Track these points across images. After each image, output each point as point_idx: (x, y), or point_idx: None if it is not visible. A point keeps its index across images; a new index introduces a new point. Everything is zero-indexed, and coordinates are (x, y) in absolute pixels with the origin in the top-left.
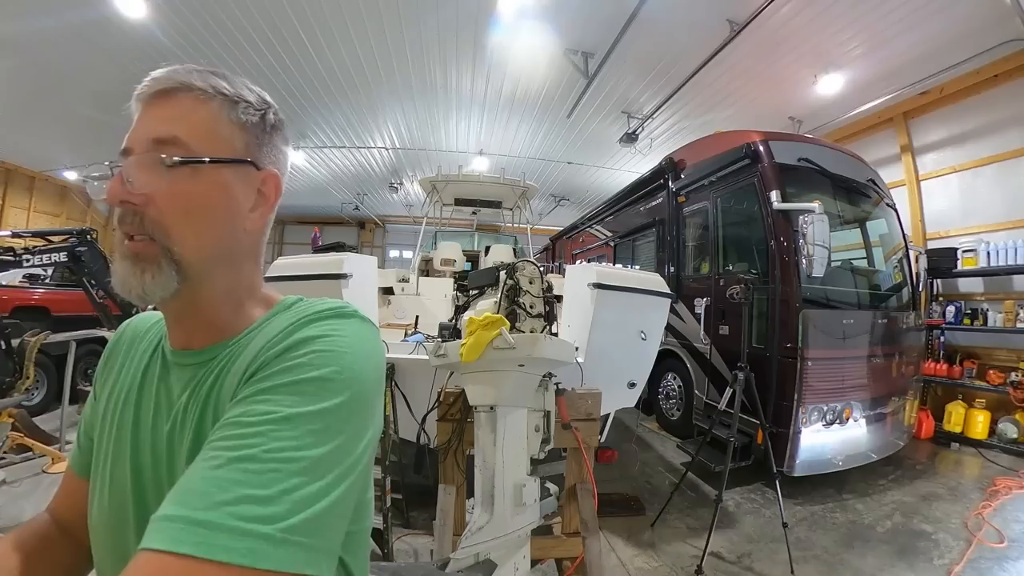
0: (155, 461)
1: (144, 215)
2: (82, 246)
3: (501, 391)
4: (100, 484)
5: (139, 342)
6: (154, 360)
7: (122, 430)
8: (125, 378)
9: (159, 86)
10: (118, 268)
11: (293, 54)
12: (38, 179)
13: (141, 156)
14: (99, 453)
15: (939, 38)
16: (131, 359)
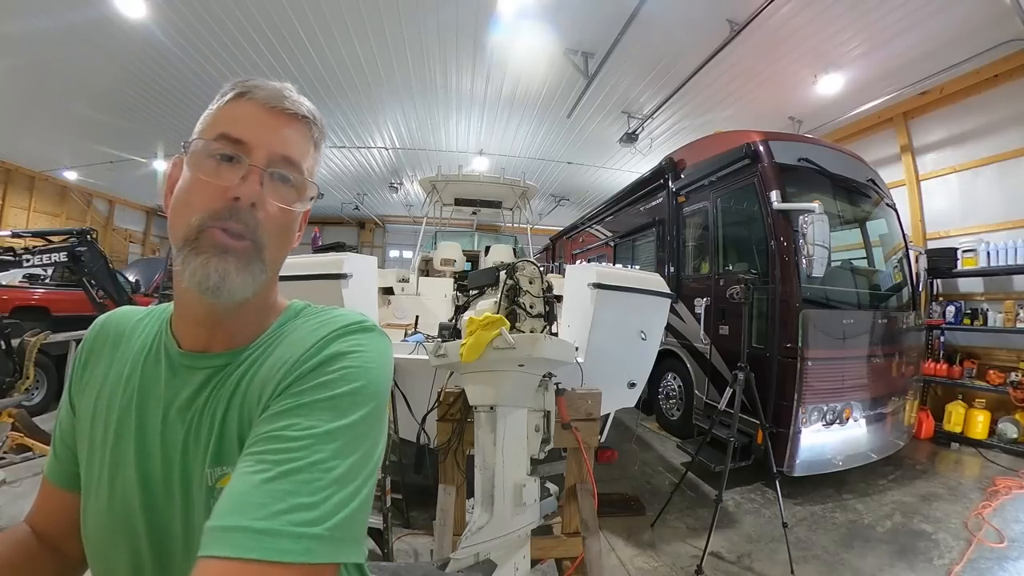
0: (166, 466)
1: (257, 220)
2: (82, 246)
3: (501, 391)
4: (97, 493)
5: (126, 341)
6: (154, 362)
7: (123, 436)
8: (117, 380)
9: (293, 108)
10: (214, 261)
11: (293, 54)
12: (38, 179)
13: (281, 171)
14: (92, 461)
15: (939, 38)
16: (120, 360)
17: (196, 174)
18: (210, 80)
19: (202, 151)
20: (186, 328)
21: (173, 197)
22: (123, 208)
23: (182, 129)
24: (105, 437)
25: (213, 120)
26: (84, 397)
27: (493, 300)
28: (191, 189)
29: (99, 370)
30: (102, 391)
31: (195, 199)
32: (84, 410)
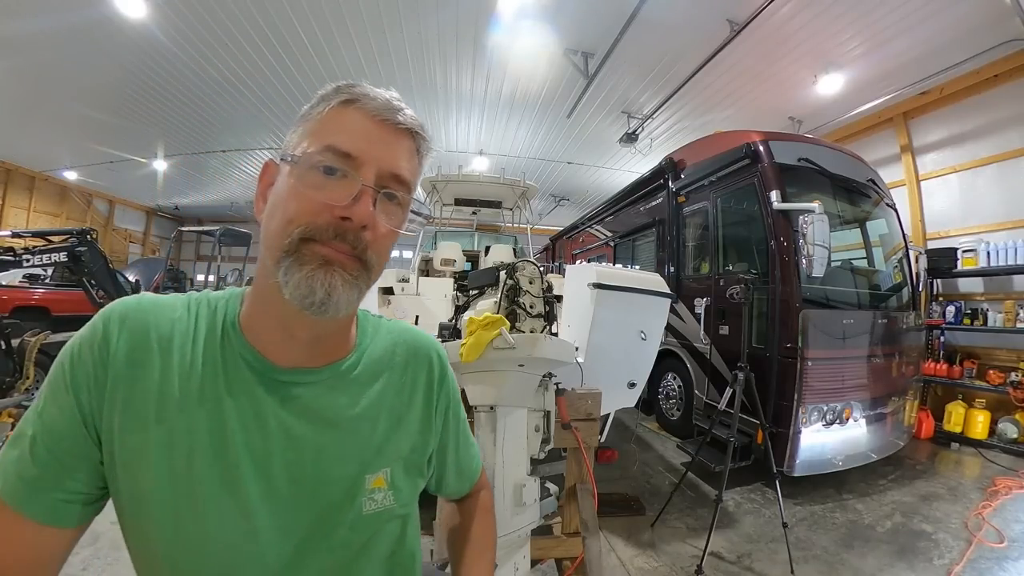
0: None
1: (365, 242)
2: (82, 246)
3: (501, 391)
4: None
5: (177, 348)
6: (235, 377)
7: (222, 459)
8: (186, 397)
9: (403, 122)
10: (319, 274)
11: (293, 54)
12: (38, 179)
13: (390, 189)
14: (169, 490)
15: (939, 38)
16: (176, 370)
17: (300, 185)
18: (210, 80)
19: (307, 161)
20: (279, 343)
21: (269, 204)
22: (123, 208)
23: (182, 129)
24: (189, 463)
25: (319, 128)
26: (126, 416)
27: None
28: (293, 199)
29: (146, 383)
30: (163, 409)
31: (297, 210)
32: (130, 432)
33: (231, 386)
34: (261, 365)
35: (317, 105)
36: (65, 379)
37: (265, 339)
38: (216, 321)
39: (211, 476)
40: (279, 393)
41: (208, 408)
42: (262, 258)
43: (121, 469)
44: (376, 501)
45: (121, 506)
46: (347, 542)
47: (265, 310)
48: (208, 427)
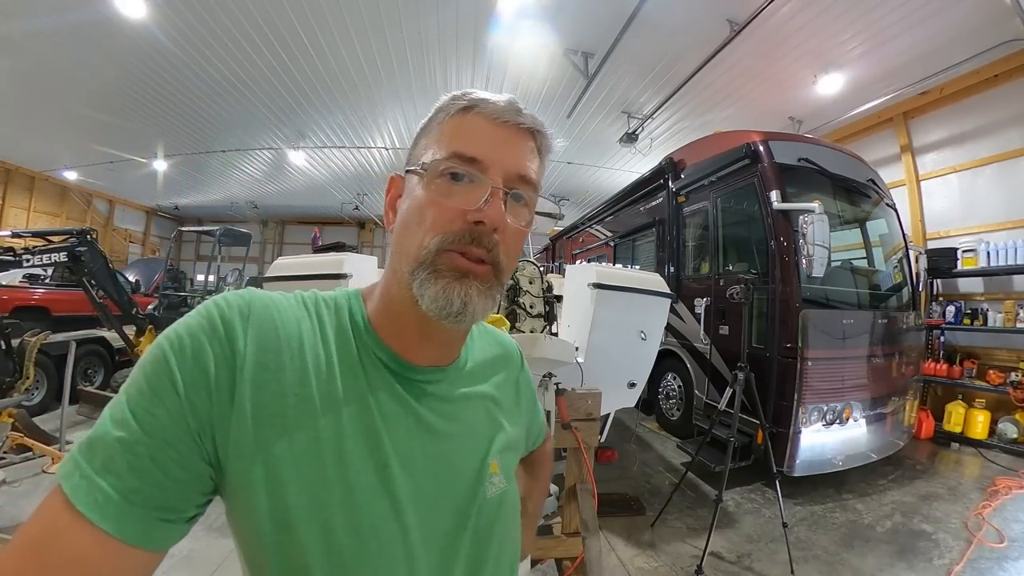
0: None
1: (496, 243)
2: (82, 246)
3: None
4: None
5: (303, 350)
6: (376, 377)
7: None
8: (328, 400)
9: (524, 122)
10: (456, 286)
11: (293, 54)
12: (38, 179)
13: (517, 190)
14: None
15: (939, 38)
16: (312, 371)
17: (431, 194)
18: (210, 80)
19: (434, 169)
20: (415, 344)
21: (402, 215)
22: (123, 208)
23: (182, 129)
24: (342, 468)
25: (441, 137)
26: (260, 425)
27: None
28: (424, 210)
29: (280, 387)
30: (303, 414)
31: (433, 219)
32: (268, 442)
33: (372, 385)
34: (398, 364)
35: (436, 116)
36: (174, 379)
37: (400, 340)
38: (343, 322)
39: (366, 481)
40: (415, 391)
41: (353, 408)
42: (395, 266)
43: (259, 486)
44: (495, 485)
45: (253, 527)
46: (478, 528)
47: (400, 314)
48: (356, 428)
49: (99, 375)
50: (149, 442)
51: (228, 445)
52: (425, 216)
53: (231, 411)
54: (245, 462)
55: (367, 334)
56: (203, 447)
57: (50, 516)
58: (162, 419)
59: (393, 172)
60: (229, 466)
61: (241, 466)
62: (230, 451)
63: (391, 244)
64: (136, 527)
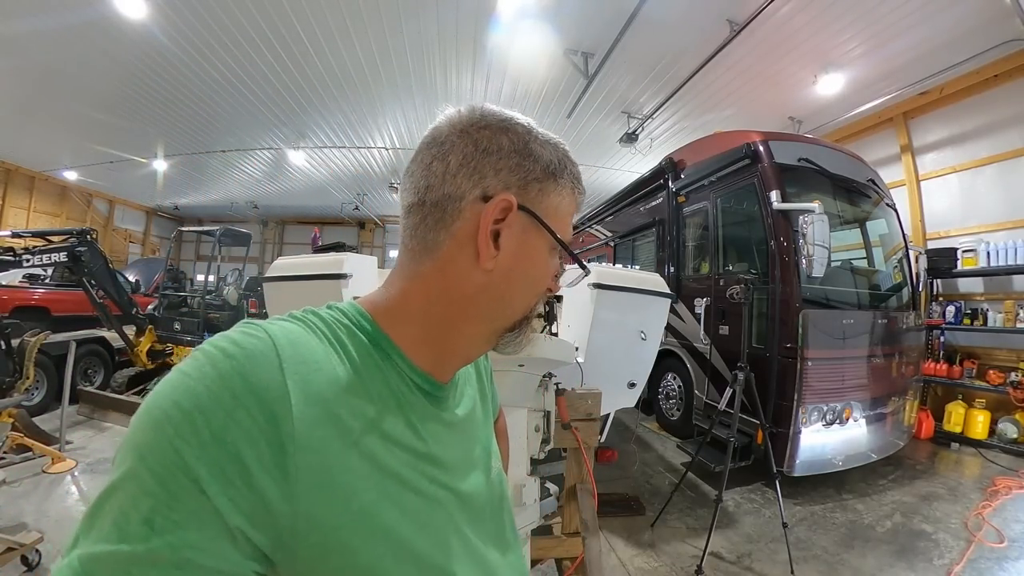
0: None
1: None
2: (82, 246)
3: (501, 391)
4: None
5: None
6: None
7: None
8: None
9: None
10: (528, 334)
11: (293, 54)
12: (38, 179)
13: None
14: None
15: (939, 38)
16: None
17: (549, 264)
18: (210, 80)
19: (561, 248)
20: (448, 365)
21: (524, 269)
22: (123, 208)
23: (182, 129)
24: (449, 517)
25: (567, 213)
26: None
27: None
28: (547, 276)
29: (341, 441)
30: (372, 461)
31: (543, 283)
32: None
33: (417, 411)
34: (430, 386)
35: (563, 174)
36: (193, 475)
37: (436, 364)
38: (367, 348)
39: (437, 497)
40: (442, 404)
41: (411, 438)
42: (492, 311)
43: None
44: (494, 467)
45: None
46: (493, 505)
47: (449, 340)
48: (419, 457)
49: (99, 375)
50: (175, 556)
51: (296, 522)
52: (545, 282)
53: (287, 487)
54: (320, 533)
55: (401, 360)
56: (250, 542)
57: None
58: (184, 525)
59: (509, 193)
60: (300, 544)
61: (317, 537)
62: (299, 527)
63: (481, 280)
64: None
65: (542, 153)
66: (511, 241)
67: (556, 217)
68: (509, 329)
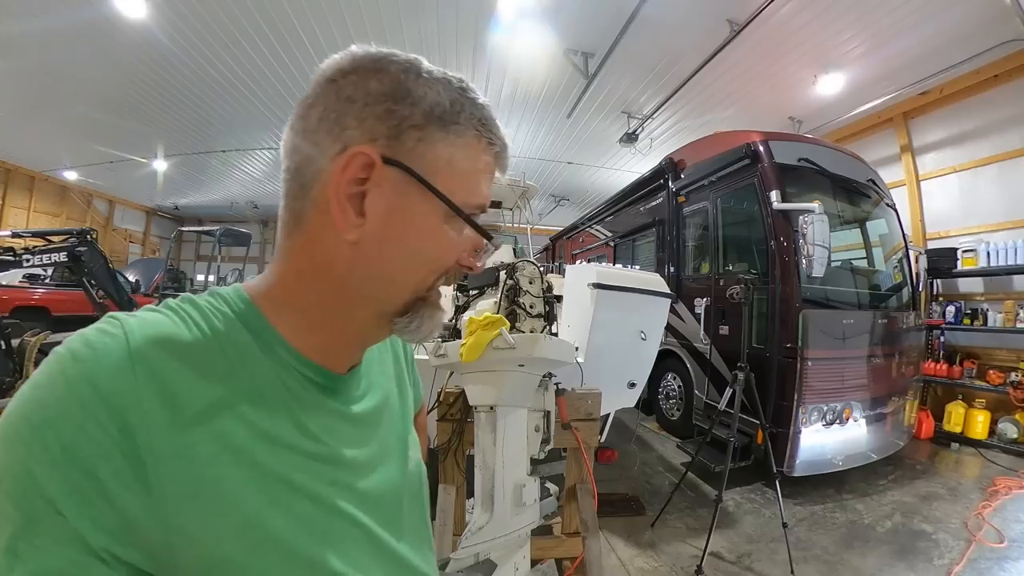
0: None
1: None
2: (82, 246)
3: (501, 391)
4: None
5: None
6: (306, 401)
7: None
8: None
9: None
10: (437, 315)
11: (293, 54)
12: (38, 179)
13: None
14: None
15: (939, 38)
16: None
17: (446, 232)
18: (210, 80)
19: (467, 210)
20: (341, 354)
21: (401, 239)
22: (123, 208)
23: (182, 129)
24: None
25: (472, 172)
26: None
27: (493, 300)
28: (442, 247)
29: (210, 446)
30: (247, 462)
31: (443, 259)
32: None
33: (305, 406)
34: (323, 378)
35: (459, 117)
36: (48, 496)
37: (326, 352)
38: (245, 339)
39: (337, 499)
40: (343, 398)
41: (298, 436)
42: (369, 288)
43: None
44: (412, 459)
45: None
46: (410, 497)
47: (338, 330)
48: (309, 458)
49: None
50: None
51: (170, 536)
52: (440, 254)
53: (152, 501)
54: (201, 546)
55: (285, 351)
56: (122, 562)
57: None
58: (51, 552)
59: (371, 146)
60: (179, 558)
61: (199, 550)
62: (174, 542)
63: (346, 254)
64: None
65: (425, 93)
66: (380, 204)
67: (450, 173)
68: (399, 313)
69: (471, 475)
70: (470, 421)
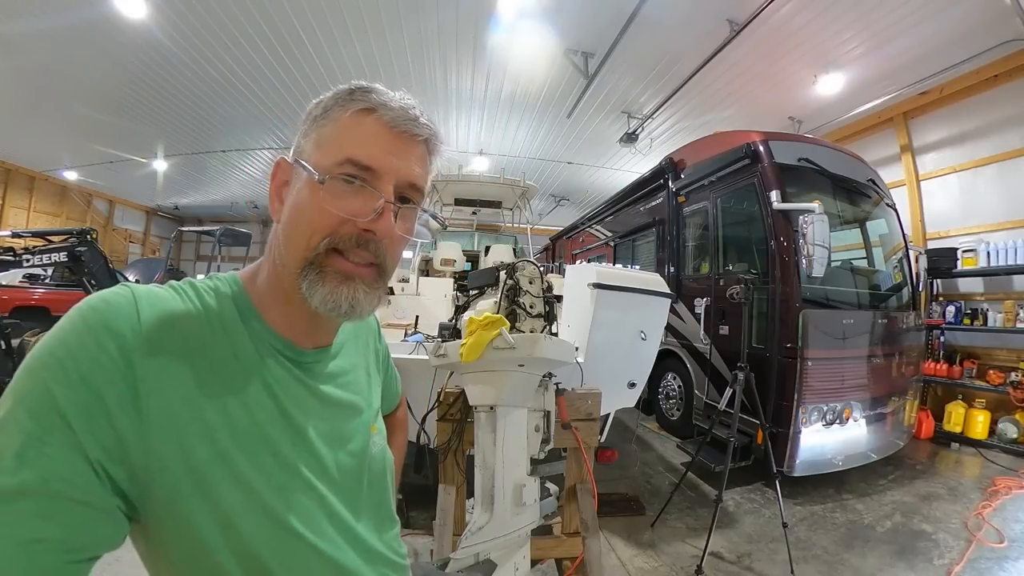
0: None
1: (384, 250)
2: (82, 246)
3: (501, 391)
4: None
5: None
6: (275, 366)
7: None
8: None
9: (423, 133)
10: (343, 288)
11: (293, 54)
12: (38, 179)
13: (411, 206)
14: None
15: (939, 38)
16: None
17: (321, 196)
18: (210, 80)
19: (328, 172)
20: (305, 331)
21: (289, 209)
22: (123, 208)
23: (182, 129)
24: (270, 457)
25: (336, 135)
26: (174, 431)
27: (493, 300)
28: (314, 210)
29: (186, 389)
30: (216, 412)
31: (319, 221)
32: (187, 444)
33: (273, 373)
34: (292, 351)
35: (332, 108)
36: (62, 411)
37: (292, 328)
38: (230, 311)
39: (292, 463)
40: (309, 372)
41: (263, 397)
42: (282, 259)
43: (190, 494)
44: (377, 444)
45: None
46: (371, 480)
47: (290, 305)
48: (271, 415)
49: None
50: (45, 487)
51: (149, 460)
52: (315, 219)
53: (141, 426)
54: (171, 474)
55: (258, 323)
56: (110, 478)
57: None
58: (54, 458)
59: (280, 155)
60: (153, 483)
61: (168, 479)
62: (151, 466)
63: (276, 235)
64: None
65: (315, 107)
66: (288, 193)
67: (318, 150)
68: (296, 275)
69: (471, 475)
70: (470, 421)
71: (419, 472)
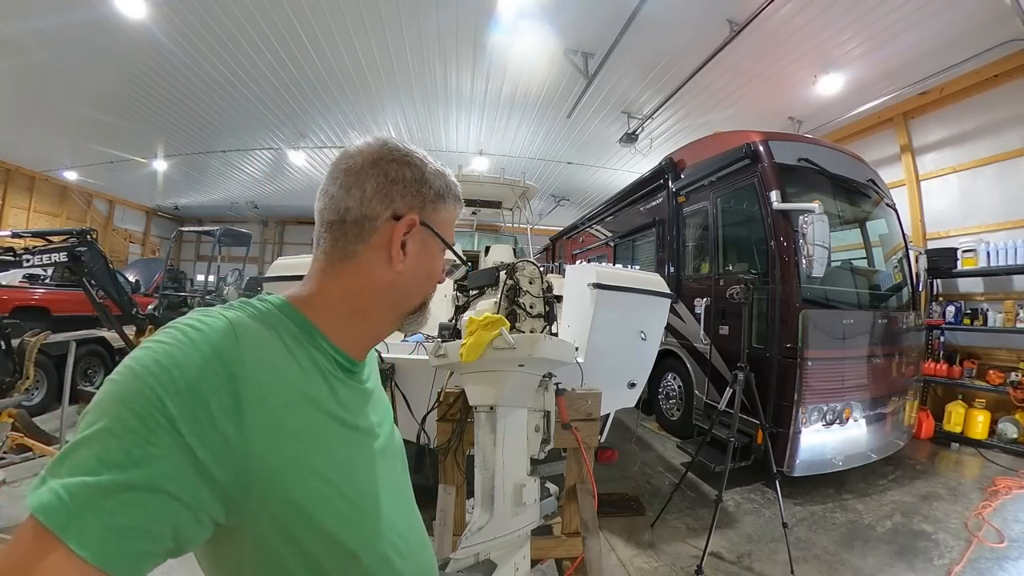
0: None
1: None
2: (82, 246)
3: (501, 391)
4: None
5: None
6: (336, 379)
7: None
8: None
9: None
10: (427, 312)
11: (293, 54)
12: (38, 179)
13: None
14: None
15: (939, 38)
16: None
17: (438, 263)
18: (210, 80)
19: (447, 250)
20: (363, 344)
21: (416, 268)
22: (123, 208)
23: (182, 129)
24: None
25: (449, 222)
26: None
27: (493, 300)
28: (436, 271)
29: (282, 398)
30: (312, 421)
31: (436, 276)
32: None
33: (335, 382)
34: (350, 363)
35: (447, 197)
36: (169, 415)
37: (355, 344)
38: (294, 330)
39: (390, 470)
40: (358, 378)
41: (334, 405)
42: (393, 301)
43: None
44: (396, 432)
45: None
46: (405, 469)
47: (371, 329)
48: (344, 421)
49: (99, 375)
50: (148, 483)
51: (250, 461)
52: (435, 275)
53: (243, 432)
54: (270, 470)
55: (324, 341)
56: (213, 480)
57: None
58: (160, 457)
59: (414, 213)
60: (254, 481)
61: (267, 474)
62: (252, 466)
63: (391, 279)
64: (128, 564)
65: (434, 181)
66: (414, 248)
67: (445, 226)
68: (411, 313)
69: (471, 475)
70: (470, 421)
71: (419, 472)
